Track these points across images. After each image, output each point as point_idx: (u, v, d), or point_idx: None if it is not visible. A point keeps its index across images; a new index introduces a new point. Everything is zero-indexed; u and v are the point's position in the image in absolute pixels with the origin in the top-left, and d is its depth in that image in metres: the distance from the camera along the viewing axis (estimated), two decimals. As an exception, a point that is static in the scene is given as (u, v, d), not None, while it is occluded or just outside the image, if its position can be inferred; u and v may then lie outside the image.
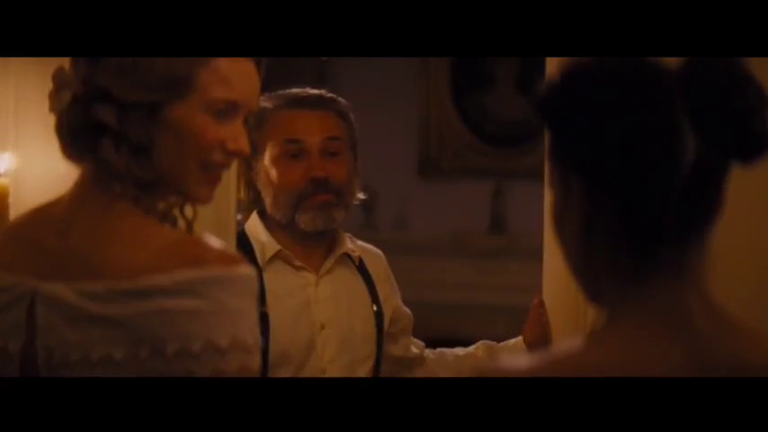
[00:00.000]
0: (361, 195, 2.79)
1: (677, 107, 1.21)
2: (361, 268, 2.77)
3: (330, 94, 2.77)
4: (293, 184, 2.66)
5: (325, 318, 2.67)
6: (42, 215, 1.67)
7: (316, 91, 2.75)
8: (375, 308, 2.75)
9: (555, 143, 1.28)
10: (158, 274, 1.52)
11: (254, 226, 2.74)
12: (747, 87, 1.23)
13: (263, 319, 2.46)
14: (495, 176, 7.44)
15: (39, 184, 2.90)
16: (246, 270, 1.54)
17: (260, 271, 2.62)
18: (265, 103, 2.69)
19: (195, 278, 1.51)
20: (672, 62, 1.25)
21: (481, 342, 2.93)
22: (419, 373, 2.86)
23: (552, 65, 2.50)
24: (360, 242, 2.84)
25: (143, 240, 1.57)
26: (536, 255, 2.86)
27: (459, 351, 2.90)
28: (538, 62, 2.66)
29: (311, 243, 2.71)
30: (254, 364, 1.54)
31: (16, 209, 2.84)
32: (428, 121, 7.54)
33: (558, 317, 2.73)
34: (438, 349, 2.92)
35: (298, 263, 2.69)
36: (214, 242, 1.56)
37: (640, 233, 1.24)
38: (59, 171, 1.73)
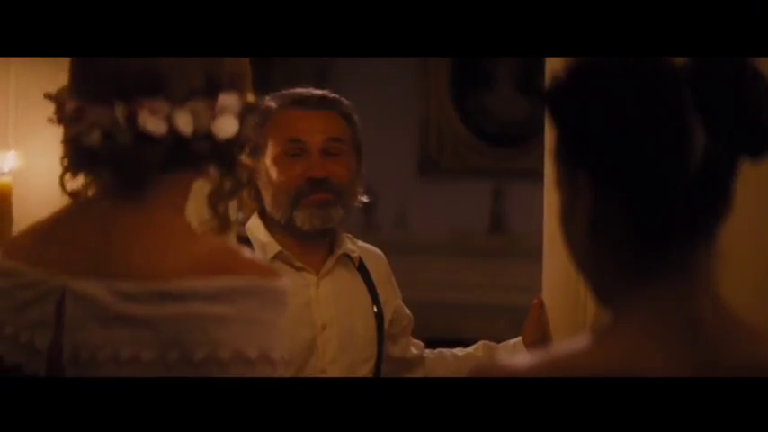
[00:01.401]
0: (364, 198, 2.79)
1: (686, 103, 1.20)
2: (362, 269, 2.77)
3: (333, 95, 2.76)
4: (292, 183, 2.66)
5: (326, 318, 2.67)
6: (79, 214, 1.64)
7: (319, 91, 2.75)
8: (375, 309, 2.74)
9: (562, 140, 1.27)
10: (194, 279, 1.51)
11: (255, 227, 2.74)
12: (756, 82, 1.22)
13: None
14: (495, 176, 7.43)
15: (38, 183, 2.90)
16: (280, 283, 1.54)
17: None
18: (269, 102, 2.69)
19: (230, 286, 1.51)
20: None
21: (481, 342, 2.93)
22: (419, 373, 2.86)
23: (552, 65, 2.50)
24: (360, 243, 2.83)
25: (182, 246, 1.56)
26: (536, 255, 2.86)
27: (459, 351, 2.90)
28: (538, 62, 2.66)
29: (311, 243, 2.71)
30: (280, 376, 1.54)
31: (16, 209, 2.85)
32: (428, 120, 7.54)
33: (558, 317, 2.73)
34: (437, 349, 2.92)
35: (298, 263, 2.69)
36: (249, 253, 1.56)
37: (649, 231, 1.23)
38: (56, 169, 1.72)
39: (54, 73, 2.87)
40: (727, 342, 1.23)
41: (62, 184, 1.65)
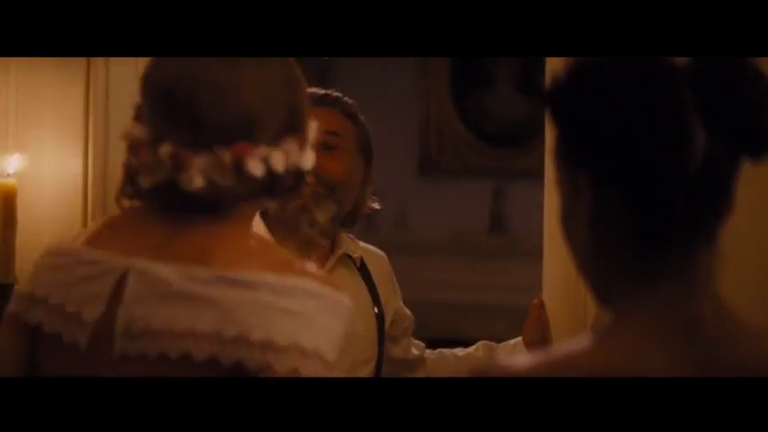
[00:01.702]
0: (376, 205, 2.78)
1: (686, 103, 1.20)
2: (363, 270, 2.77)
3: (337, 94, 2.76)
4: None
5: None
6: (146, 214, 1.70)
7: (322, 90, 2.74)
8: (376, 310, 2.74)
9: (562, 140, 1.26)
10: (269, 274, 1.58)
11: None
12: (756, 82, 1.22)
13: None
14: (495, 176, 7.43)
15: (39, 184, 2.90)
16: (347, 301, 1.63)
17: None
18: None
19: (301, 287, 1.58)
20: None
21: (481, 342, 2.92)
22: (419, 374, 2.86)
23: (552, 65, 2.50)
24: (362, 243, 2.83)
25: (263, 253, 1.64)
26: (536, 255, 2.86)
27: (459, 351, 2.90)
28: (538, 62, 2.65)
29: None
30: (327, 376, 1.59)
31: (20, 210, 2.85)
32: (428, 120, 7.54)
33: (558, 317, 2.73)
34: (438, 350, 2.92)
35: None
36: (322, 271, 1.66)
37: (649, 232, 1.23)
38: (59, 171, 1.72)
39: (54, 73, 2.88)
40: (727, 342, 1.23)
41: (118, 203, 1.71)
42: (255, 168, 1.61)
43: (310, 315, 1.58)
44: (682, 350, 1.22)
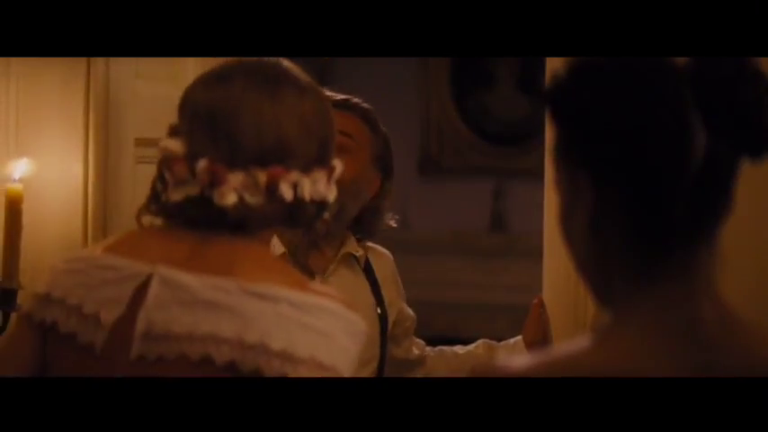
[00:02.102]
0: (393, 223, 2.77)
1: (686, 102, 1.19)
2: (367, 269, 2.76)
3: (357, 100, 2.74)
4: None
5: None
6: (168, 230, 1.72)
7: (342, 96, 2.71)
8: (379, 310, 2.73)
9: (562, 140, 1.26)
10: (292, 291, 1.62)
11: None
12: (757, 82, 1.22)
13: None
14: (495, 175, 7.43)
15: (39, 185, 2.90)
16: (363, 324, 1.69)
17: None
18: None
19: (323, 306, 1.63)
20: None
21: (481, 341, 2.92)
22: (419, 373, 2.86)
23: (552, 64, 2.50)
24: (369, 243, 2.81)
25: (285, 271, 1.70)
26: (536, 254, 2.86)
27: (459, 349, 2.90)
28: (538, 61, 2.65)
29: (318, 243, 2.67)
30: None
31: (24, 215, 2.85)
32: (429, 120, 7.54)
33: (558, 316, 2.73)
34: (438, 347, 2.91)
35: (302, 264, 2.68)
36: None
37: (649, 232, 1.22)
38: (59, 171, 1.73)
39: (55, 74, 2.88)
40: (726, 342, 1.23)
41: (139, 219, 1.74)
42: (286, 192, 1.66)
43: (329, 333, 1.61)
44: (681, 350, 1.22)
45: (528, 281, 3.72)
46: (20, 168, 2.81)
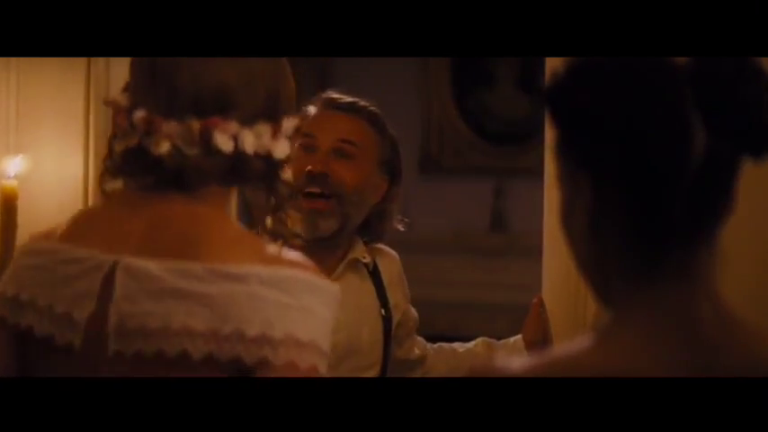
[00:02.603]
0: (401, 227, 2.76)
1: (686, 102, 1.19)
2: (374, 273, 2.74)
3: (365, 103, 2.72)
4: (294, 178, 2.61)
5: (333, 324, 2.63)
6: (121, 205, 1.70)
7: (351, 98, 2.71)
8: (383, 312, 2.72)
9: (562, 140, 1.26)
10: (259, 266, 1.59)
11: None
12: (758, 81, 1.21)
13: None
14: (495, 175, 7.43)
15: (39, 185, 2.90)
16: (336, 288, 1.66)
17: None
18: (309, 105, 2.67)
19: (292, 277, 1.60)
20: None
21: (480, 339, 2.92)
22: (419, 372, 2.85)
23: (552, 63, 2.50)
24: (378, 244, 2.80)
25: (249, 241, 1.65)
26: (537, 253, 2.85)
27: (458, 347, 2.89)
28: (538, 61, 2.65)
29: (325, 247, 2.65)
30: (322, 367, 1.61)
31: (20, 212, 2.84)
32: (429, 119, 7.54)
33: (558, 315, 2.73)
34: (437, 344, 2.91)
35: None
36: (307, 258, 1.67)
37: (649, 231, 1.22)
38: (59, 171, 1.73)
39: (55, 73, 2.88)
40: (726, 342, 1.23)
41: (102, 183, 1.71)
42: (223, 143, 1.63)
43: (303, 306, 1.59)
44: (681, 350, 1.22)
45: (528, 280, 3.72)
46: (15, 165, 2.81)
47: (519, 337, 2.83)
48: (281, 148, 1.70)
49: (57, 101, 2.93)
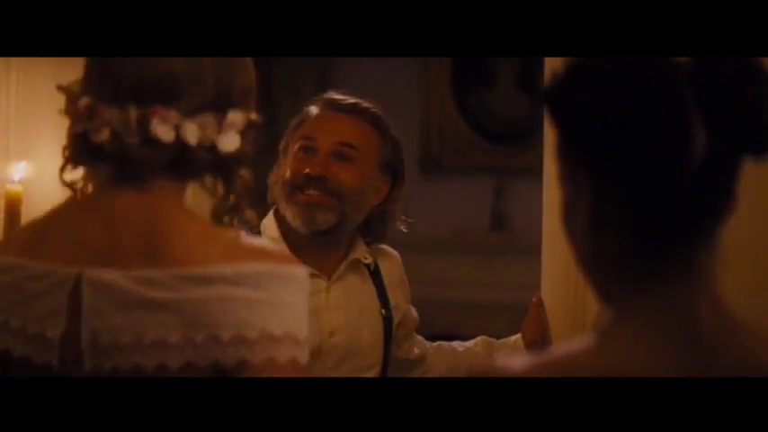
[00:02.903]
0: (404, 228, 2.75)
1: (687, 101, 1.19)
2: (375, 273, 2.74)
3: (368, 105, 2.71)
4: (292, 177, 2.61)
5: (333, 326, 2.63)
6: (77, 210, 1.68)
7: (353, 99, 2.70)
8: (384, 312, 2.72)
9: (562, 139, 1.26)
10: (219, 265, 1.57)
11: (269, 225, 2.69)
12: (758, 80, 1.21)
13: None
14: (495, 174, 7.42)
15: (39, 185, 2.91)
16: (302, 270, 1.63)
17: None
18: (309, 106, 2.67)
19: (257, 271, 1.58)
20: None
21: (480, 338, 2.91)
22: (418, 371, 2.85)
23: (552, 63, 2.50)
24: (381, 245, 2.80)
25: (210, 236, 1.62)
26: (536, 252, 2.85)
27: (458, 346, 2.89)
28: (538, 60, 2.65)
29: (325, 246, 2.66)
30: (303, 358, 1.59)
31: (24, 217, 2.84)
32: (429, 119, 7.54)
33: (558, 315, 2.73)
34: (437, 342, 2.91)
35: (308, 267, 2.65)
36: (268, 242, 1.65)
37: (650, 231, 1.22)
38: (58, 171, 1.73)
39: (55, 74, 2.88)
40: (726, 342, 1.23)
41: (62, 175, 1.70)
42: (163, 133, 1.61)
43: (272, 299, 1.57)
44: (681, 350, 1.22)
45: (528, 279, 3.71)
46: (19, 170, 2.81)
47: (518, 336, 2.83)
48: (228, 141, 1.65)
49: (57, 105, 2.93)
